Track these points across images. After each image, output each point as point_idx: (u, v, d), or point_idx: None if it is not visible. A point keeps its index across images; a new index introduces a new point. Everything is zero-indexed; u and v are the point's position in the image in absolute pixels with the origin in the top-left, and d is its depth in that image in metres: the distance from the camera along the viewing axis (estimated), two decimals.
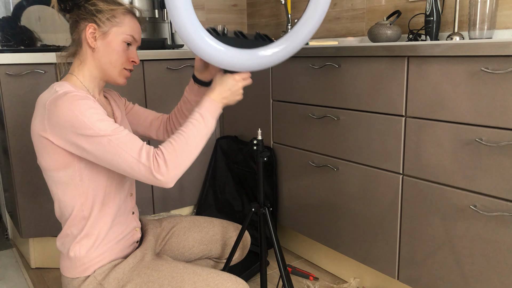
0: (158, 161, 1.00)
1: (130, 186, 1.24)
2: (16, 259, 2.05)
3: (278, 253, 1.29)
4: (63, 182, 1.09)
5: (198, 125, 1.07)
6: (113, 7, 1.14)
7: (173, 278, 1.10)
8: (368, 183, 1.53)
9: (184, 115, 1.33)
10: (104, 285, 1.10)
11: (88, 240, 1.11)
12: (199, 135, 1.07)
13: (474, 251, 1.27)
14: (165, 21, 2.33)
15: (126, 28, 1.14)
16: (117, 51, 1.14)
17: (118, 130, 1.02)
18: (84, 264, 1.11)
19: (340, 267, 1.81)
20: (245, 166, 2.11)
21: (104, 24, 1.12)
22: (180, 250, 1.34)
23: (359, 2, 2.19)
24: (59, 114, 1.01)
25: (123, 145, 1.01)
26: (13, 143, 1.76)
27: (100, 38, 1.13)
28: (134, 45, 1.18)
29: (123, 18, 1.14)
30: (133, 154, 1.00)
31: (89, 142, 1.01)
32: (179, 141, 1.04)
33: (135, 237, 1.23)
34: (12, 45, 1.99)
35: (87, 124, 1.00)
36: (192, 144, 1.05)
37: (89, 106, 1.02)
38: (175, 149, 1.02)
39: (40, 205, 1.83)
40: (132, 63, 1.18)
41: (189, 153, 1.04)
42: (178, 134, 1.05)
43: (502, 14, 1.68)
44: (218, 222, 1.41)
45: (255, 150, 1.25)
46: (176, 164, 1.02)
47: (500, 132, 1.17)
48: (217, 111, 1.12)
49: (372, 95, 1.47)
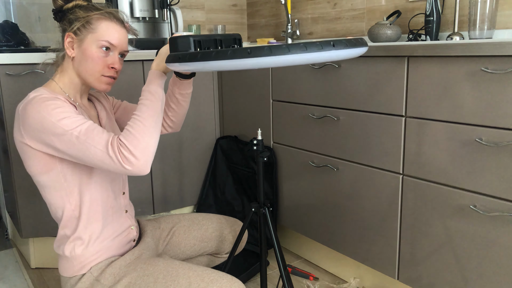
0: (123, 153, 1.00)
1: (121, 185, 1.25)
2: (16, 259, 2.05)
3: (278, 253, 1.29)
4: (49, 185, 1.12)
5: (150, 103, 1.07)
6: (89, 14, 1.13)
7: (168, 272, 1.11)
8: (368, 183, 1.53)
9: (172, 108, 1.34)
10: (100, 281, 1.11)
11: (81, 240, 1.13)
12: (154, 112, 1.07)
13: (474, 251, 1.27)
14: (165, 21, 2.33)
15: (100, 34, 1.12)
16: (92, 58, 1.12)
17: (86, 125, 1.03)
18: (81, 262, 1.13)
19: (340, 267, 1.81)
20: (245, 166, 2.11)
21: (80, 31, 1.12)
22: (182, 249, 1.35)
23: (359, 2, 2.19)
24: (29, 118, 1.03)
25: (90, 140, 1.01)
26: (13, 143, 1.76)
27: (77, 46, 1.13)
28: (114, 51, 1.15)
29: (97, 24, 1.13)
30: (101, 148, 1.01)
31: (60, 140, 1.02)
32: (137, 127, 1.03)
33: (131, 236, 1.24)
34: (12, 45, 1.99)
35: (55, 123, 1.02)
36: (151, 124, 1.05)
37: (55, 106, 1.03)
38: (135, 136, 1.02)
39: (40, 205, 1.83)
40: (112, 69, 1.15)
41: (150, 134, 1.04)
42: (133, 119, 1.05)
43: (502, 14, 1.68)
44: (216, 218, 1.43)
45: (255, 150, 1.25)
46: (142, 149, 1.01)
47: (500, 132, 1.17)
48: (161, 77, 1.13)
49: (372, 95, 1.47)
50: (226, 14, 2.88)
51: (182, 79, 1.27)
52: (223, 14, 2.87)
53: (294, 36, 2.55)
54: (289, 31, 2.52)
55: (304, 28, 2.53)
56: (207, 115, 2.23)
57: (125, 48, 1.17)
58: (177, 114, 1.34)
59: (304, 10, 2.51)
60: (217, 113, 2.26)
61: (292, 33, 2.53)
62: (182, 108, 1.34)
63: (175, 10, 2.37)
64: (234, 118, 2.16)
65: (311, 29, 2.49)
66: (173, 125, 1.37)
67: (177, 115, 1.35)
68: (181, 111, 1.35)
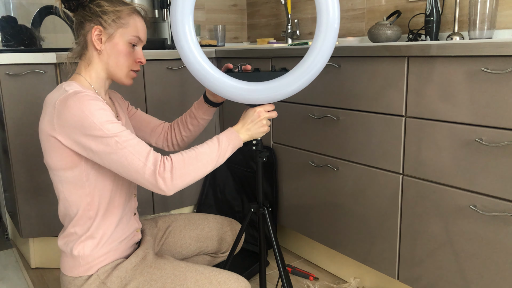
0: (165, 165, 1.01)
1: (134, 186, 1.24)
2: (16, 259, 2.05)
3: (277, 253, 1.29)
4: (70, 181, 1.09)
5: (213, 146, 1.09)
6: (118, 8, 1.12)
7: (176, 276, 1.10)
8: (368, 183, 1.53)
9: (188, 129, 1.33)
10: (107, 284, 1.10)
11: (93, 240, 1.12)
12: (210, 156, 1.07)
13: (474, 251, 1.27)
14: (165, 21, 2.33)
15: (131, 29, 1.13)
16: (124, 53, 1.13)
17: (127, 133, 1.02)
18: (88, 263, 1.11)
19: (340, 267, 1.81)
20: (245, 166, 2.11)
21: (110, 26, 1.11)
22: (178, 249, 1.35)
23: (359, 2, 2.19)
24: (69, 114, 1.00)
25: (131, 148, 1.01)
26: (13, 143, 1.76)
27: (106, 41, 1.11)
28: (139, 45, 1.17)
29: (128, 19, 1.13)
30: (140, 157, 1.00)
31: (96, 142, 1.00)
32: (190, 154, 1.05)
33: (135, 238, 1.23)
34: (12, 45, 1.99)
35: (97, 125, 1.00)
36: (202, 161, 1.06)
37: (99, 107, 1.02)
38: (184, 159, 1.03)
39: (40, 205, 1.83)
40: (139, 63, 1.17)
41: (196, 169, 1.05)
42: (190, 149, 1.07)
43: (502, 14, 1.68)
44: (213, 218, 1.42)
45: (254, 150, 1.25)
46: (181, 174, 1.02)
47: (500, 132, 1.17)
48: (237, 140, 1.13)
49: (372, 95, 1.47)
50: (226, 14, 2.88)
51: (211, 106, 1.29)
52: (223, 14, 2.87)
53: (294, 36, 2.54)
54: (289, 31, 2.52)
55: (304, 28, 2.53)
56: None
57: (145, 42, 1.20)
58: (191, 135, 1.36)
59: (304, 10, 2.51)
60: (217, 112, 2.26)
61: (292, 33, 2.53)
62: (198, 131, 1.36)
63: None
64: (234, 118, 2.16)
65: (311, 29, 2.49)
66: (183, 145, 1.38)
67: (190, 136, 1.36)
68: (195, 134, 1.36)
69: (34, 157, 1.79)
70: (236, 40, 2.96)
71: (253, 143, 1.24)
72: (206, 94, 1.29)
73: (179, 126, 1.35)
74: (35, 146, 1.79)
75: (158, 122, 1.39)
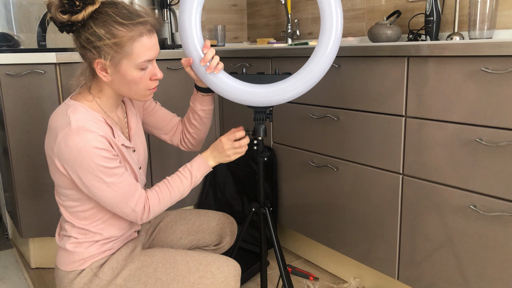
0: (144, 209, 1.12)
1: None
2: (16, 259, 2.05)
3: (278, 253, 1.29)
4: (70, 197, 1.11)
5: (185, 181, 1.17)
6: (116, 38, 0.99)
7: (166, 260, 1.13)
8: (368, 183, 1.53)
9: (193, 125, 1.32)
10: (99, 275, 1.11)
11: (91, 240, 1.13)
12: (183, 191, 1.17)
13: (474, 251, 1.27)
14: (165, 21, 2.33)
15: (137, 56, 1.02)
16: (134, 81, 1.05)
17: (122, 178, 1.06)
18: (83, 258, 1.13)
19: (340, 267, 1.81)
20: (245, 166, 2.11)
21: (113, 57, 1.01)
22: (169, 244, 1.36)
23: (359, 2, 2.19)
24: (68, 152, 1.01)
25: (121, 194, 1.07)
26: (13, 143, 1.76)
27: (112, 72, 1.04)
28: (152, 63, 1.08)
29: (131, 47, 1.01)
30: (130, 204, 1.08)
31: (90, 182, 1.04)
32: (164, 194, 1.14)
33: (131, 238, 1.25)
34: (12, 45, 1.99)
35: (92, 168, 1.02)
36: (175, 198, 1.16)
37: (98, 155, 1.01)
38: (159, 202, 1.14)
39: (40, 205, 1.83)
40: (155, 81, 1.10)
41: (169, 205, 1.16)
42: (165, 186, 1.15)
43: (502, 14, 1.68)
44: (204, 212, 1.43)
45: (255, 150, 1.25)
46: (155, 213, 1.14)
47: (500, 132, 1.17)
48: (206, 168, 1.21)
49: (372, 95, 1.47)
50: (226, 14, 2.88)
51: (204, 94, 1.27)
52: (223, 14, 2.87)
53: (294, 36, 2.55)
54: (289, 31, 2.52)
55: (304, 28, 2.53)
56: None
57: (158, 52, 1.10)
58: (199, 131, 1.33)
59: (304, 10, 2.51)
60: (218, 112, 2.26)
61: (292, 33, 2.53)
62: (204, 125, 1.32)
63: (175, 10, 2.37)
64: (234, 117, 2.16)
65: (311, 29, 2.49)
66: (194, 142, 1.35)
67: (199, 132, 1.33)
68: (203, 129, 1.33)
69: (34, 157, 1.79)
70: (236, 40, 2.96)
71: (254, 143, 1.24)
72: (196, 83, 1.26)
73: (186, 124, 1.33)
74: (35, 146, 1.79)
75: (176, 120, 1.35)
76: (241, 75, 1.20)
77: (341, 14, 1.09)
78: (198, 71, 1.17)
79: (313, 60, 1.12)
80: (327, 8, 1.09)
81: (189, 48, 1.15)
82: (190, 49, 1.15)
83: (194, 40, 1.14)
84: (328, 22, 1.09)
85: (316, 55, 1.12)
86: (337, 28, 1.09)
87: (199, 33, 1.14)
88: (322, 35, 1.10)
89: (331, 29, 1.09)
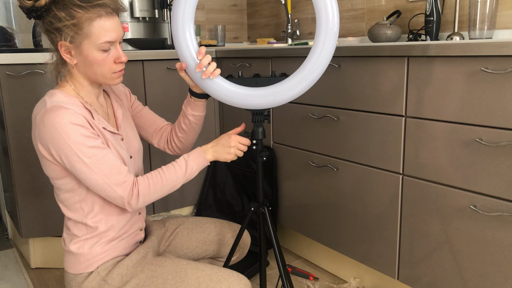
0: (133, 192, 1.08)
1: None
2: (16, 259, 2.05)
3: (277, 253, 1.29)
4: (64, 188, 1.12)
5: (180, 171, 1.13)
6: (75, 19, 1.02)
7: (177, 273, 1.11)
8: (368, 183, 1.53)
9: (182, 129, 1.31)
10: (107, 281, 1.11)
11: (92, 238, 1.13)
12: (176, 180, 1.13)
13: (474, 251, 1.27)
14: (165, 21, 2.33)
15: (97, 37, 1.04)
16: (97, 62, 1.07)
17: (103, 160, 1.05)
18: (88, 260, 1.12)
19: (340, 267, 1.81)
20: (245, 166, 2.11)
21: (74, 38, 1.04)
22: (184, 251, 1.35)
23: (359, 2, 2.19)
24: (46, 131, 1.02)
25: (103, 175, 1.05)
26: (13, 143, 1.76)
27: (76, 54, 1.06)
28: (115, 45, 1.09)
29: (90, 28, 1.03)
30: (114, 187, 1.06)
31: (71, 163, 1.04)
32: (156, 181, 1.11)
33: (138, 237, 1.24)
34: (12, 45, 1.99)
35: (71, 147, 1.02)
36: (167, 187, 1.12)
37: (74, 130, 1.01)
38: (149, 187, 1.10)
39: (40, 205, 1.83)
40: (120, 63, 1.11)
41: (161, 193, 1.12)
42: (157, 173, 1.12)
43: (502, 14, 1.68)
44: (219, 222, 1.42)
45: (254, 149, 1.25)
46: (146, 200, 1.11)
47: (500, 132, 1.17)
48: (203, 162, 1.17)
49: (372, 95, 1.47)
50: (226, 14, 2.88)
51: (196, 99, 1.26)
52: (223, 14, 2.87)
53: (294, 36, 2.55)
54: (289, 31, 2.52)
55: (304, 28, 2.53)
56: (208, 115, 2.22)
57: (122, 35, 1.10)
58: (187, 136, 1.32)
59: (304, 10, 2.51)
60: (218, 112, 2.26)
61: (292, 33, 2.53)
62: (193, 131, 1.31)
63: None
64: (234, 118, 2.16)
65: (311, 29, 2.49)
66: (181, 146, 1.34)
67: (187, 137, 1.32)
68: (191, 134, 1.32)
69: (34, 157, 1.79)
70: (236, 40, 2.96)
71: (253, 142, 1.24)
72: (190, 87, 1.25)
73: (175, 127, 1.33)
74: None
75: (162, 123, 1.36)
76: (237, 79, 1.19)
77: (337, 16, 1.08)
78: (194, 76, 1.17)
79: (309, 61, 1.12)
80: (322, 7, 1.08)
81: (184, 55, 1.14)
82: (184, 56, 1.14)
83: (188, 46, 1.13)
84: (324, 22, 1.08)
85: (312, 56, 1.11)
86: (333, 28, 1.08)
87: (194, 40, 1.13)
88: (318, 36, 1.10)
89: (326, 29, 1.09)
